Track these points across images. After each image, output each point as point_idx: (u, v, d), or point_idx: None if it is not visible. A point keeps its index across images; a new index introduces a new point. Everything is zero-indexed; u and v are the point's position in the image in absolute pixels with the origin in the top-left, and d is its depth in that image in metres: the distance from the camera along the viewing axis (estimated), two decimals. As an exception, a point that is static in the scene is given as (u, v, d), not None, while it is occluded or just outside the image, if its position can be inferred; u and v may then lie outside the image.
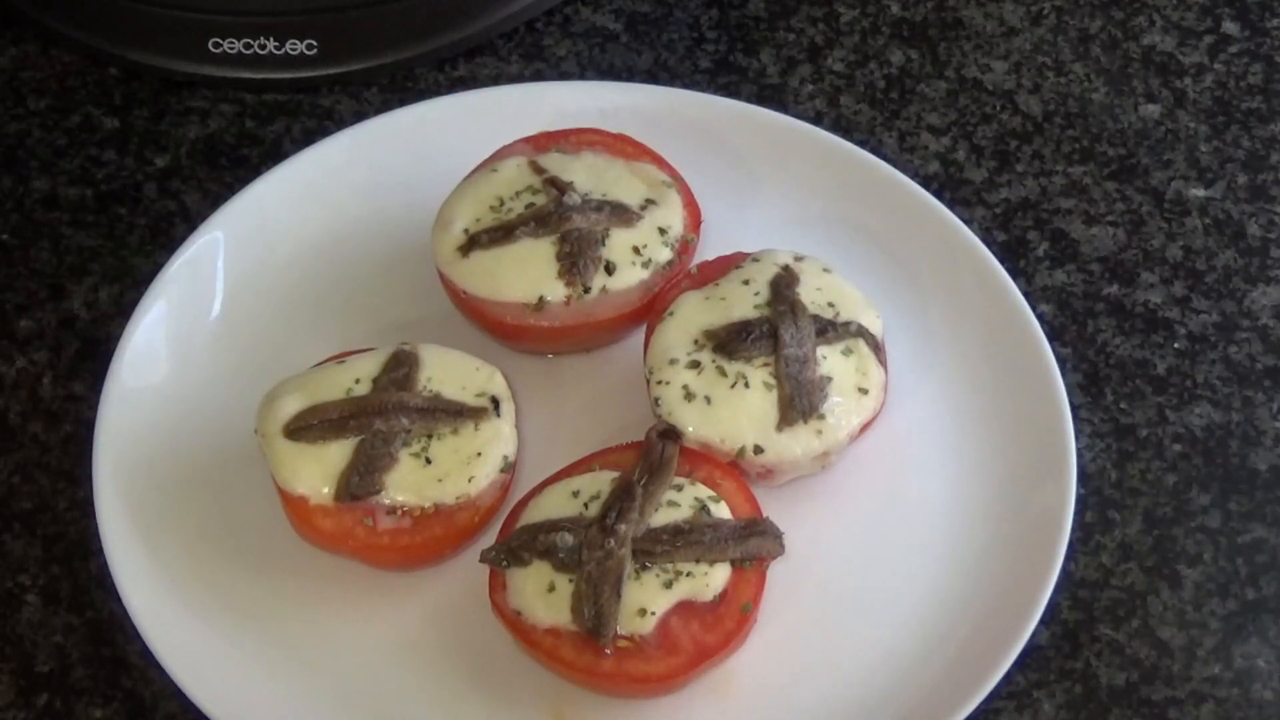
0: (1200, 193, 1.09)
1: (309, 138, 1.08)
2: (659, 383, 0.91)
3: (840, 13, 1.17)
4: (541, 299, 0.93)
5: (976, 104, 1.13)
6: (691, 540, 0.84)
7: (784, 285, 0.93)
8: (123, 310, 0.99)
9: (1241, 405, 1.00)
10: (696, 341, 0.91)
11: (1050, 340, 0.97)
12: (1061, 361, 0.97)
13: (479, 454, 0.88)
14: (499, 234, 0.94)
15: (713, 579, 0.84)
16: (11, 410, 0.98)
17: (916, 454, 0.95)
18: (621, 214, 0.95)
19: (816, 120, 1.10)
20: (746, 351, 0.90)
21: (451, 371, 0.90)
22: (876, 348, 0.93)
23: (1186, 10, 1.18)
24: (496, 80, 1.12)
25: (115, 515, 0.89)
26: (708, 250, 0.98)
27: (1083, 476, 0.95)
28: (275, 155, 1.07)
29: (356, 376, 0.89)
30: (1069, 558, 0.91)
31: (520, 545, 0.85)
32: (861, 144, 1.07)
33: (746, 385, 0.90)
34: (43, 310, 1.02)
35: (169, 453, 0.93)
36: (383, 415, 0.87)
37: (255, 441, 0.89)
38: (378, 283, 1.01)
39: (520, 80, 1.12)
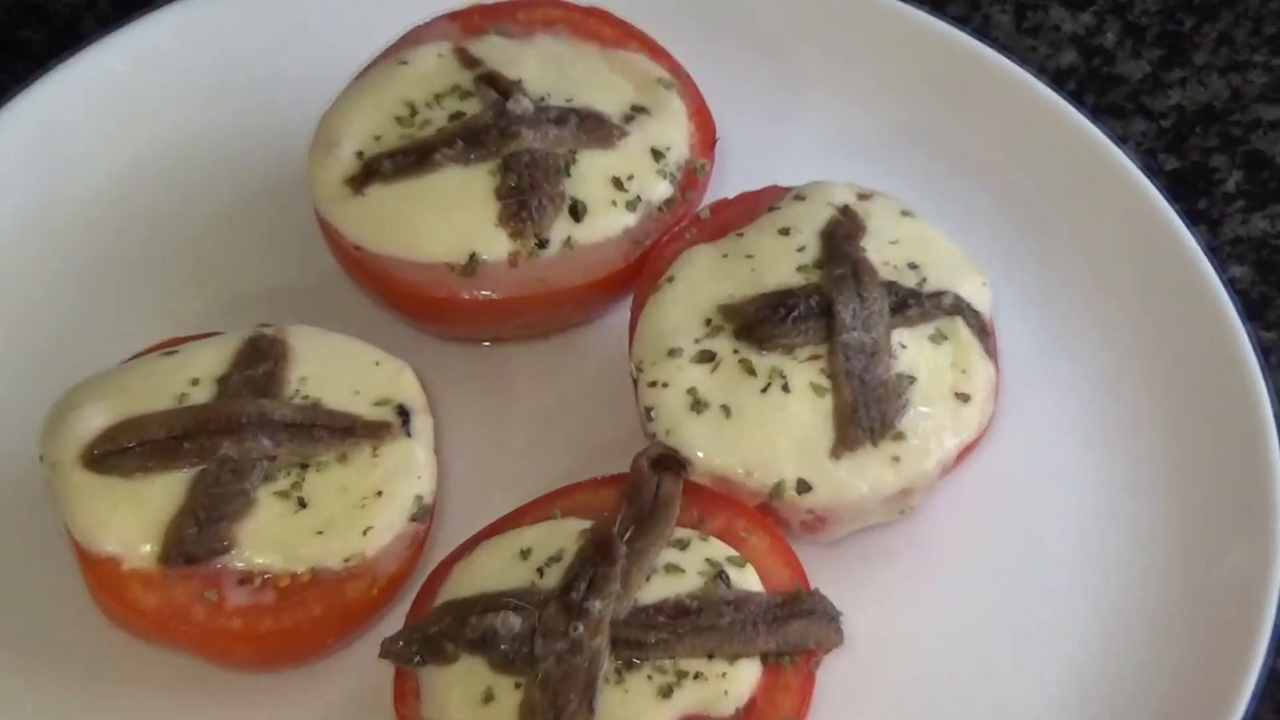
0: None
1: (120, 15, 1.08)
2: (653, 384, 0.90)
3: None
4: (474, 257, 0.93)
5: (1133, -37, 1.13)
6: (702, 624, 0.84)
7: (842, 236, 0.93)
8: None
9: None
10: (709, 322, 0.91)
11: (1245, 320, 0.97)
12: (1262, 351, 0.98)
13: (379, 493, 0.88)
14: (410, 159, 0.94)
15: (734, 683, 0.83)
16: None
17: (1041, 493, 0.96)
18: (594, 128, 0.95)
19: (894, -12, 1.07)
20: (786, 337, 0.90)
21: (337, 367, 0.91)
22: (982, 332, 0.93)
23: None
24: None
25: None
26: (725, 184, 0.98)
27: (1293, 527, 0.89)
28: (71, 38, 1.09)
29: (194, 376, 0.89)
30: (1275, 646, 0.90)
31: (442, 632, 0.85)
32: (961, 25, 1.07)
33: (785, 388, 0.89)
34: None
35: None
36: (233, 434, 0.87)
37: (39, 474, 0.88)
38: (225, 233, 1.02)
39: (442, -79, 1.06)
